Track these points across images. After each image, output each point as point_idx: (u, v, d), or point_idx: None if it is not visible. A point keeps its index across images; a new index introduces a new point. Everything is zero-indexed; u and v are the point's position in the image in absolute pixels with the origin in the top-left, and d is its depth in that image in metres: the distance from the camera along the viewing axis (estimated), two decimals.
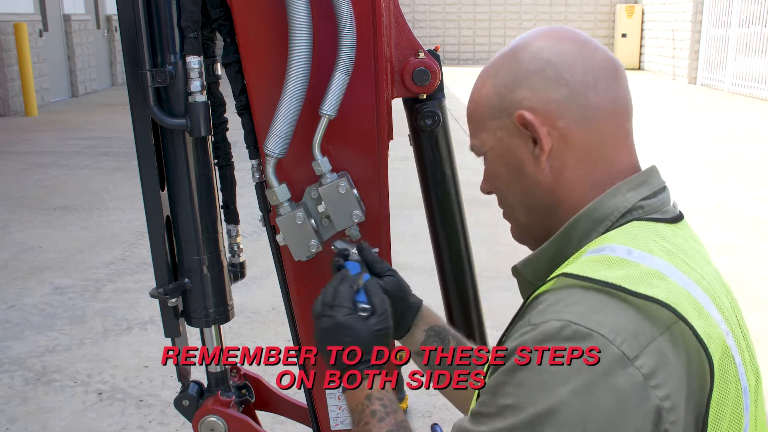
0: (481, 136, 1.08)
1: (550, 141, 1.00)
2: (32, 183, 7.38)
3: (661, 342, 0.83)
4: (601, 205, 0.99)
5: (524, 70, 1.01)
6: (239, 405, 1.58)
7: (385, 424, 1.07)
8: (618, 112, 1.02)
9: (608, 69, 1.01)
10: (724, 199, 6.63)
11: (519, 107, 1.00)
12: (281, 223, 1.33)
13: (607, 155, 1.01)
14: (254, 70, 1.32)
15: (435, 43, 18.95)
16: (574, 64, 1.00)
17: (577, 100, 0.99)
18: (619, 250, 0.91)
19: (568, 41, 1.02)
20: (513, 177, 1.06)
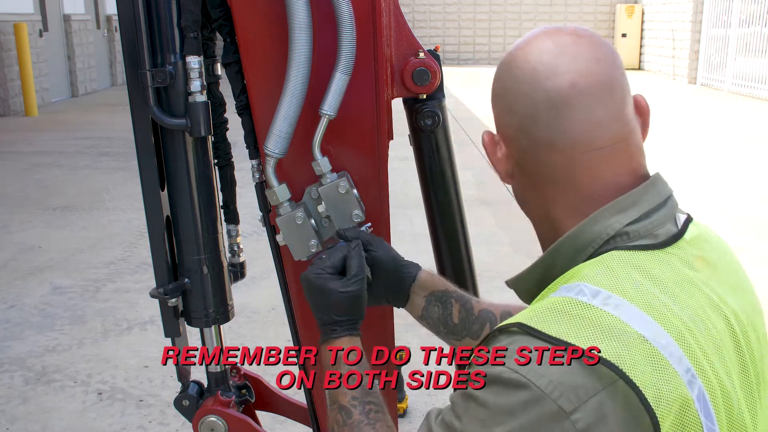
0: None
1: (505, 164, 1.04)
2: (32, 183, 7.38)
3: (602, 397, 0.82)
4: (582, 232, 0.96)
5: (496, 89, 1.05)
6: (239, 405, 1.58)
7: (350, 387, 1.14)
8: (568, 143, 0.95)
9: (557, 98, 0.95)
10: (724, 200, 6.63)
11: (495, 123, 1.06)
12: (281, 223, 1.33)
13: (568, 184, 0.98)
14: (254, 70, 1.32)
15: (435, 43, 18.95)
16: (522, 94, 0.98)
17: (523, 131, 0.99)
18: (587, 293, 0.89)
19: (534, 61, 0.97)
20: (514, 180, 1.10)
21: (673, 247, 0.96)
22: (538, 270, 1.02)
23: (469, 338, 1.35)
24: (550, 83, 0.95)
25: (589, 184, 0.97)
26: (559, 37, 0.99)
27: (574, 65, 0.96)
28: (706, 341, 0.90)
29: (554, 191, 1.00)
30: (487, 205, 5.99)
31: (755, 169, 7.95)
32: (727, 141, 9.58)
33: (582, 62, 0.96)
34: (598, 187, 0.97)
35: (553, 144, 0.96)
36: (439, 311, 1.35)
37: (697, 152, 8.83)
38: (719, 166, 8.09)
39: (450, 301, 1.36)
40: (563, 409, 0.81)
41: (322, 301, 1.20)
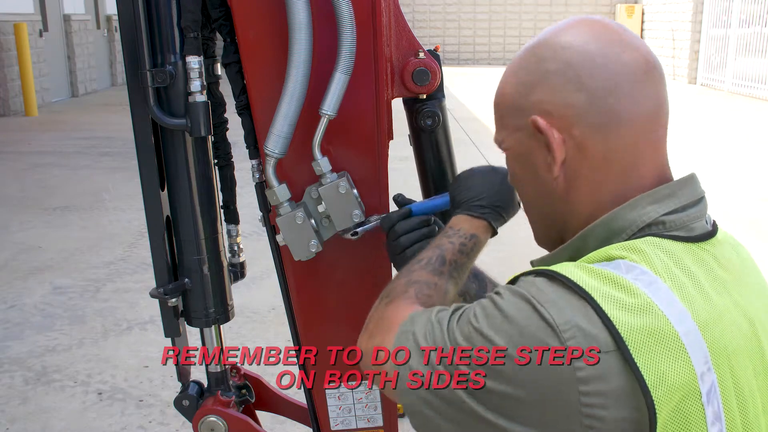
0: (502, 133, 1.05)
1: (563, 150, 0.95)
2: (32, 183, 7.38)
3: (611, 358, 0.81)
4: (618, 217, 0.94)
5: (544, 70, 0.96)
6: (239, 405, 1.59)
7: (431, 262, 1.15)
8: (641, 121, 0.95)
9: (635, 72, 0.94)
10: (724, 200, 6.63)
11: (535, 110, 0.96)
12: (281, 223, 1.33)
13: (626, 167, 0.96)
14: (254, 70, 1.32)
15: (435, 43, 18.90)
16: (596, 66, 0.93)
17: (595, 106, 0.93)
18: (623, 266, 0.88)
19: (594, 39, 0.95)
20: (528, 179, 1.04)
21: (706, 243, 0.95)
22: (564, 254, 0.99)
23: None
24: (627, 56, 0.94)
25: (640, 171, 0.96)
26: (605, 23, 0.99)
27: (641, 44, 0.97)
28: (729, 340, 0.89)
29: (616, 174, 0.96)
30: None
31: (755, 169, 7.95)
32: (727, 141, 9.58)
33: (643, 44, 0.97)
34: (647, 175, 0.97)
35: (632, 118, 0.94)
36: (476, 287, 1.37)
37: (697, 152, 8.83)
38: (719, 166, 8.09)
39: (485, 279, 1.39)
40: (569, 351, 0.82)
41: (491, 182, 1.25)
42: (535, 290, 0.87)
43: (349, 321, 1.48)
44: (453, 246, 1.18)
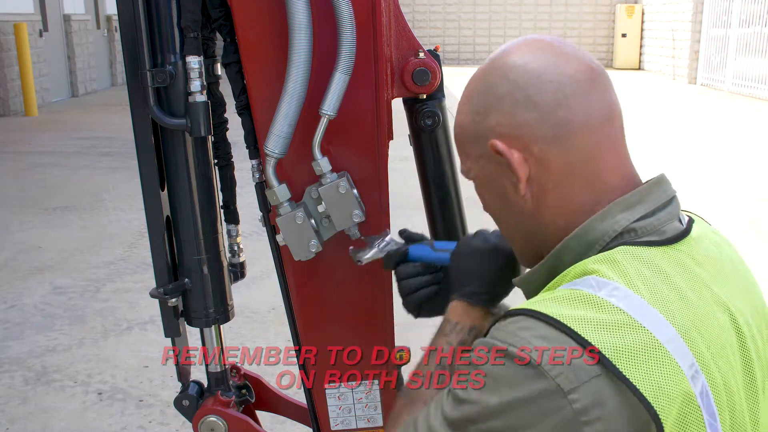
0: (467, 163, 1.07)
1: (526, 167, 0.97)
2: (32, 183, 7.38)
3: (602, 381, 0.82)
4: (590, 229, 0.96)
5: (494, 95, 0.99)
6: (239, 405, 1.59)
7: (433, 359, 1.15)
8: (595, 127, 0.97)
9: (580, 81, 0.97)
10: (724, 200, 6.63)
11: (492, 134, 0.98)
12: (281, 223, 1.33)
13: (589, 175, 0.97)
14: (254, 70, 1.32)
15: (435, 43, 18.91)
16: (542, 82, 0.96)
17: (548, 120, 0.95)
18: (594, 285, 0.89)
19: (537, 56, 0.98)
20: (498, 203, 1.06)
21: (680, 243, 0.96)
22: (543, 269, 1.01)
23: None
24: (570, 68, 0.97)
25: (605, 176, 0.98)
26: (546, 39, 1.02)
27: (583, 54, 1.00)
28: (712, 338, 0.90)
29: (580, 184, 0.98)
30: None
31: (755, 169, 7.95)
32: (727, 141, 9.58)
33: (585, 53, 1.01)
34: (613, 180, 0.98)
35: (585, 126, 0.96)
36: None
37: (697, 152, 8.83)
38: (719, 166, 8.09)
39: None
40: (561, 388, 0.82)
41: (490, 266, 1.18)
42: (511, 337, 0.87)
43: (349, 321, 1.48)
44: (452, 346, 1.15)
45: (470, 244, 1.23)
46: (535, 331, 0.86)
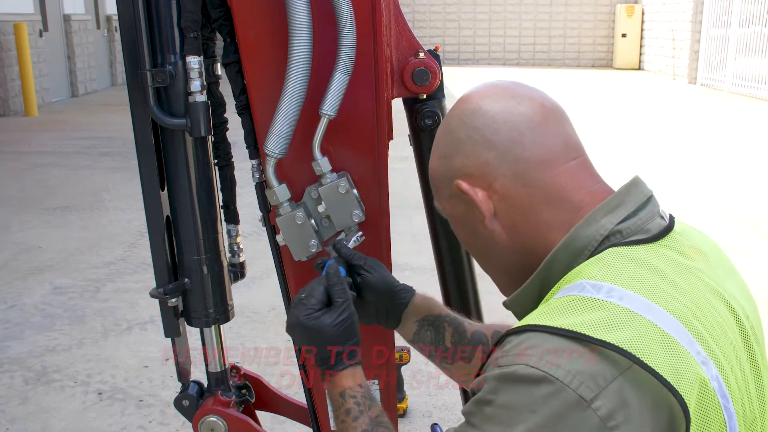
0: (441, 202, 1.13)
1: (490, 204, 1.03)
2: (32, 183, 7.38)
3: (621, 382, 0.83)
4: (577, 236, 0.98)
5: (456, 139, 1.06)
6: (239, 405, 1.58)
7: (359, 423, 1.11)
8: (551, 158, 1.02)
9: (532, 119, 1.02)
10: (724, 200, 6.63)
11: (458, 175, 1.05)
12: (281, 223, 1.33)
13: (555, 199, 1.01)
14: (254, 70, 1.32)
15: (435, 43, 18.94)
16: (496, 123, 1.02)
17: (506, 158, 1.01)
18: (590, 288, 0.91)
19: (492, 100, 1.05)
20: (472, 240, 1.10)
21: (666, 239, 0.99)
22: (534, 285, 1.02)
23: (462, 361, 1.34)
24: (524, 107, 1.03)
25: (577, 193, 1.02)
26: (501, 84, 1.10)
27: (536, 94, 1.07)
28: (712, 325, 0.92)
29: (548, 210, 1.02)
30: None
31: (755, 169, 7.95)
32: (727, 141, 9.58)
33: (538, 93, 1.07)
34: (585, 195, 1.02)
35: (543, 160, 1.01)
36: (431, 335, 1.35)
37: (697, 152, 8.83)
38: (719, 166, 8.09)
39: (443, 326, 1.36)
40: (583, 398, 0.82)
41: (320, 340, 1.17)
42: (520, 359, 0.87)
43: None
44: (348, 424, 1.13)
45: (288, 325, 1.22)
46: (543, 346, 0.86)
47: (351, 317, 1.19)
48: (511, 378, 0.86)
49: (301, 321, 1.18)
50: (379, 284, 1.32)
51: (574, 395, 0.82)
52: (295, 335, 1.21)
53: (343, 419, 1.13)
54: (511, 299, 1.08)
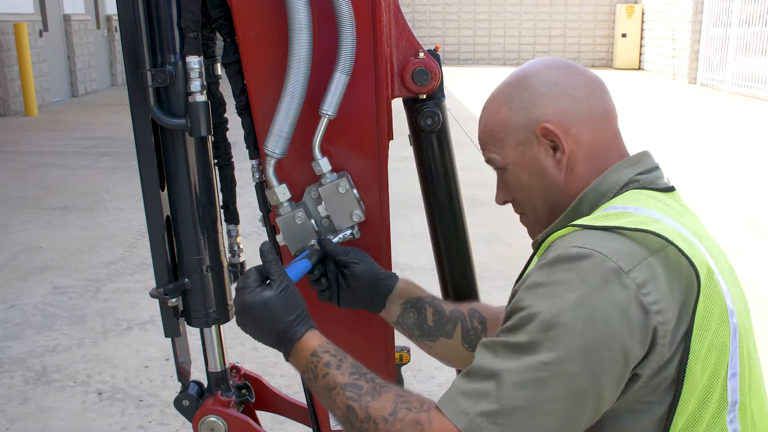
0: (502, 153, 1.24)
1: (569, 146, 1.19)
2: (32, 183, 7.38)
3: (652, 261, 1.03)
4: (604, 181, 1.19)
5: (536, 92, 1.21)
6: (239, 405, 1.59)
7: (344, 369, 1.14)
8: (610, 115, 1.24)
9: (598, 83, 1.24)
10: (724, 200, 6.63)
11: (539, 122, 1.19)
12: (281, 223, 1.33)
13: (606, 150, 1.22)
14: (254, 70, 1.33)
15: (435, 43, 18.93)
16: (574, 79, 1.21)
17: (582, 108, 1.20)
18: (619, 207, 1.12)
19: (561, 67, 1.24)
20: (535, 181, 1.23)
21: (672, 194, 1.21)
22: (565, 221, 1.19)
23: (444, 338, 1.42)
24: (588, 73, 1.25)
25: (614, 151, 1.23)
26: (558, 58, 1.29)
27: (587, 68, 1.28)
28: (713, 248, 1.15)
29: (597, 160, 1.21)
30: (487, 206, 5.95)
31: (755, 169, 7.95)
32: (727, 141, 9.58)
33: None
34: (618, 154, 1.24)
35: (604, 113, 1.22)
36: (414, 317, 1.42)
37: (697, 152, 8.83)
38: (719, 166, 8.09)
39: (424, 306, 1.42)
40: (622, 269, 1.01)
41: (269, 314, 1.20)
42: (566, 248, 1.05)
43: (350, 321, 1.48)
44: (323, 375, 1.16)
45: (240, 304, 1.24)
46: (587, 238, 1.05)
47: (290, 285, 1.23)
48: (562, 259, 1.04)
49: (245, 302, 1.21)
50: (365, 274, 1.38)
51: (615, 266, 1.01)
52: (246, 322, 1.23)
53: (325, 372, 1.15)
54: (542, 234, 1.22)
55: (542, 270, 1.06)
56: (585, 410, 1.01)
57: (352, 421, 1.10)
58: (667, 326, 1.02)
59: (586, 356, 0.99)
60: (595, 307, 0.99)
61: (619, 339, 0.99)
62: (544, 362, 0.99)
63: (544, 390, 0.99)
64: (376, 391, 1.10)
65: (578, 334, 0.99)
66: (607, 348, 0.99)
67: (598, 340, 0.99)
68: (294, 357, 1.20)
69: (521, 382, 0.99)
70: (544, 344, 0.99)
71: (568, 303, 1.00)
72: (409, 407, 1.06)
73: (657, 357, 1.02)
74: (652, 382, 1.05)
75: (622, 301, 1.00)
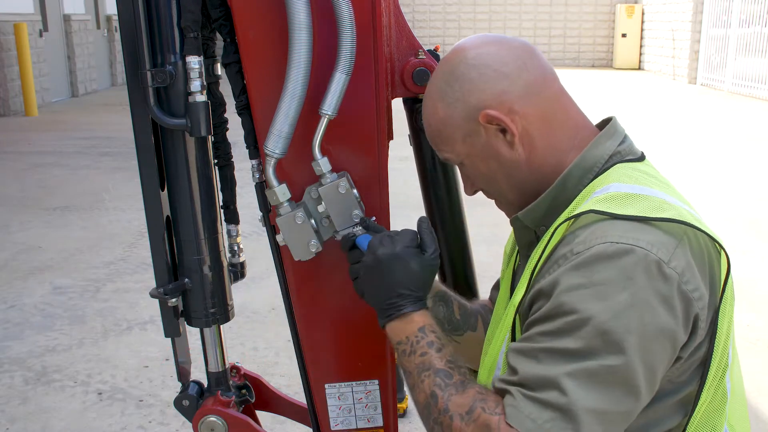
0: (454, 149, 1.23)
1: (516, 125, 1.17)
2: (32, 183, 7.38)
3: (682, 248, 1.04)
4: (588, 156, 1.18)
5: (467, 81, 1.18)
6: (239, 405, 1.59)
7: (443, 354, 1.15)
8: (549, 78, 1.20)
9: (526, 51, 1.20)
10: (724, 200, 6.63)
11: (479, 110, 1.17)
12: (281, 223, 1.33)
13: (560, 116, 1.20)
14: (254, 70, 1.32)
15: (435, 43, 18.93)
16: (502, 57, 1.18)
17: (517, 83, 1.17)
18: (623, 188, 1.10)
19: (484, 46, 1.20)
20: (494, 168, 1.21)
21: (645, 162, 1.23)
22: (548, 198, 1.19)
23: (470, 331, 1.45)
24: (515, 43, 1.21)
25: (570, 114, 1.22)
26: (482, 35, 1.26)
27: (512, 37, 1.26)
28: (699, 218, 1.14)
29: (554, 129, 1.19)
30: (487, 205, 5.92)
31: (755, 169, 7.95)
32: (727, 141, 9.58)
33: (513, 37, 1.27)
34: (576, 116, 1.22)
35: (542, 81, 1.19)
36: (444, 310, 1.43)
37: (697, 152, 8.83)
38: (719, 166, 8.09)
39: (451, 300, 1.45)
40: (662, 260, 1.02)
41: (407, 274, 1.20)
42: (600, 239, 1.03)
43: (349, 321, 1.48)
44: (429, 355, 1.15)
45: (372, 257, 1.24)
46: (619, 230, 1.03)
47: (437, 265, 1.24)
48: (601, 256, 1.02)
49: (396, 251, 1.21)
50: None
51: (656, 258, 1.01)
52: (375, 271, 1.22)
53: (425, 351, 1.15)
54: (524, 212, 1.22)
55: (580, 270, 1.03)
56: (642, 400, 1.04)
57: (430, 409, 1.11)
58: (704, 311, 1.05)
59: (644, 354, 1.00)
60: (645, 304, 1.00)
61: (669, 330, 1.02)
62: (607, 365, 0.99)
63: (609, 392, 1.00)
64: (462, 385, 1.10)
65: (635, 334, 1.00)
66: (660, 341, 1.02)
67: (652, 336, 1.01)
68: (396, 325, 1.20)
69: (584, 386, 0.99)
70: (604, 349, 1.00)
71: (620, 304, 1.00)
72: (483, 407, 1.06)
73: (697, 340, 1.07)
74: (686, 362, 1.08)
75: (667, 293, 1.01)
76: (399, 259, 1.21)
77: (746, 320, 4.11)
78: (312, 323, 1.49)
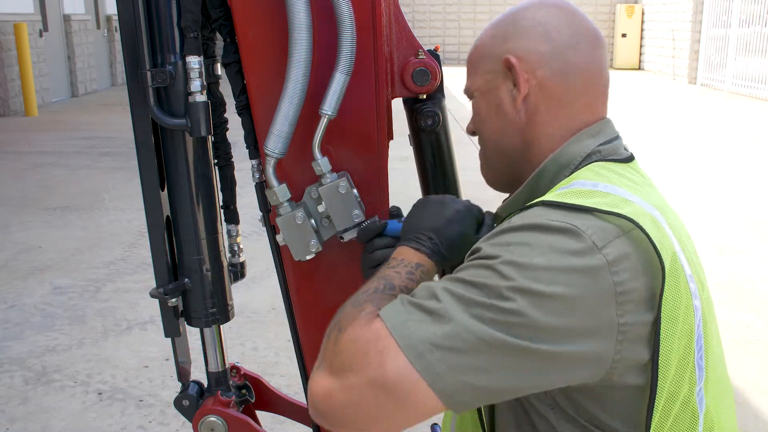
0: (474, 78, 1.23)
1: (527, 86, 1.15)
2: (32, 183, 7.38)
3: (624, 240, 0.98)
4: (565, 152, 1.15)
5: (519, 26, 1.18)
6: (239, 405, 1.59)
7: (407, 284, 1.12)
8: (592, 73, 1.17)
9: (591, 37, 1.18)
10: (724, 200, 6.63)
11: (507, 53, 1.16)
12: (281, 223, 1.33)
13: (576, 108, 1.17)
14: (254, 70, 1.32)
15: (435, 43, 18.92)
16: (562, 26, 1.16)
17: (558, 56, 1.15)
18: (587, 184, 1.07)
19: (562, 10, 1.19)
20: (492, 115, 1.21)
21: (632, 164, 1.18)
22: (525, 191, 1.17)
23: None
24: (586, 24, 1.19)
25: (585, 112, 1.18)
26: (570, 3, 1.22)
27: (594, 24, 1.22)
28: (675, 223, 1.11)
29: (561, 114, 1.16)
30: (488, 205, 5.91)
31: (755, 169, 7.95)
32: (727, 141, 9.58)
33: (595, 25, 1.23)
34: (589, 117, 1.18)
35: (585, 71, 1.16)
36: None
37: (697, 152, 8.83)
38: (719, 166, 8.09)
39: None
40: (596, 245, 0.97)
41: (449, 231, 1.20)
42: (545, 217, 1.00)
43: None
44: (399, 275, 1.14)
45: (423, 199, 1.29)
46: (560, 213, 1.00)
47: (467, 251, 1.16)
48: (533, 227, 0.99)
49: (464, 216, 1.23)
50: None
51: (590, 241, 0.97)
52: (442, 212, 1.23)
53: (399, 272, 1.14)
54: (502, 207, 1.22)
55: (500, 235, 1.00)
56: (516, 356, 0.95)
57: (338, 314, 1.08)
58: (630, 306, 0.97)
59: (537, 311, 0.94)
60: (565, 276, 0.95)
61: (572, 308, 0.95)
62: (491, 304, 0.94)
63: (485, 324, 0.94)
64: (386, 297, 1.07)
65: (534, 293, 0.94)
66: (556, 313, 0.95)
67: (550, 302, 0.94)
68: (405, 250, 1.19)
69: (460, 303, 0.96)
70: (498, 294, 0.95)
71: (539, 266, 0.95)
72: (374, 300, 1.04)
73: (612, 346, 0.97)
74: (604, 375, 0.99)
75: (591, 277, 0.95)
76: (460, 221, 1.22)
77: (746, 320, 4.11)
78: (312, 323, 1.49)
